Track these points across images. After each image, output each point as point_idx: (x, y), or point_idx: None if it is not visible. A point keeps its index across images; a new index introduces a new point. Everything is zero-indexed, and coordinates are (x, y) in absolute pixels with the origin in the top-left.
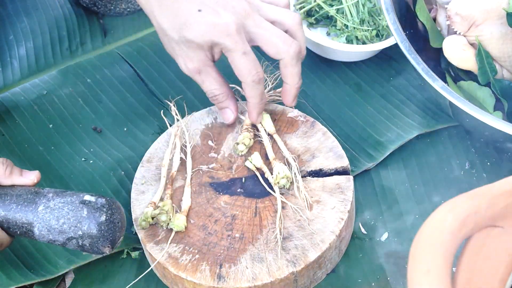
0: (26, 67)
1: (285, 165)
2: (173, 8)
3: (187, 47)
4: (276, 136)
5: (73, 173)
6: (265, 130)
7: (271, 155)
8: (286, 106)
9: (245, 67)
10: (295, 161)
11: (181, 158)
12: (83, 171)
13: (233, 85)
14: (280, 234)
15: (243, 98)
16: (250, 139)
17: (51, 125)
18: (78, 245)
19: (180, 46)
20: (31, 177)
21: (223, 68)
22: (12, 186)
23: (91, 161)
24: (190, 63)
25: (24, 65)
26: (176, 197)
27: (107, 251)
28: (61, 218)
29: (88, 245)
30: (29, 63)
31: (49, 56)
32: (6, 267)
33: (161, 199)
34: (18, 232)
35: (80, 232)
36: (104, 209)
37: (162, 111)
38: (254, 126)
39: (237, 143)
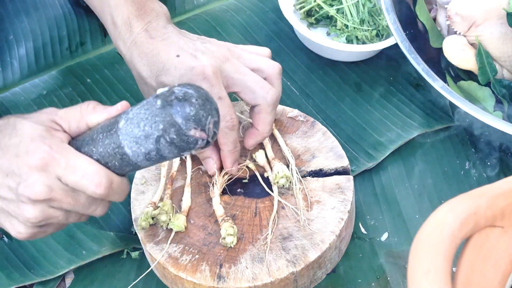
0: (26, 67)
1: (285, 165)
2: (152, 55)
3: None
4: (275, 132)
5: None
6: None
7: (270, 154)
8: (245, 146)
9: (220, 112)
10: (293, 159)
11: (181, 158)
12: None
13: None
14: (271, 233)
15: (235, 99)
16: (233, 227)
17: None
18: (168, 143)
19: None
20: (116, 107)
21: None
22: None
23: None
24: None
25: (24, 65)
26: (176, 197)
27: (197, 134)
28: (141, 122)
29: (175, 136)
30: (29, 63)
31: (49, 56)
32: (6, 267)
33: (161, 199)
34: (117, 164)
35: (160, 126)
36: (175, 91)
37: None
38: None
39: (224, 238)
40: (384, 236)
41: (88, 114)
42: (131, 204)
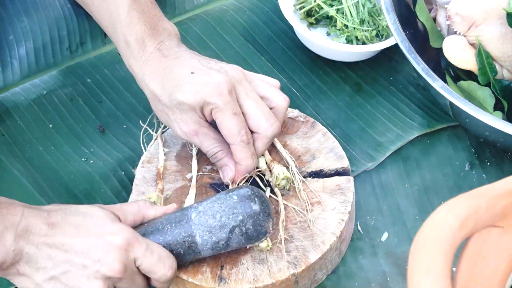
0: (26, 67)
1: (284, 165)
2: (165, 73)
3: (180, 110)
4: None
5: (73, 173)
6: None
7: (268, 157)
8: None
9: (235, 128)
10: (292, 160)
11: (166, 153)
12: (83, 171)
13: None
14: (284, 238)
15: None
16: None
17: (51, 125)
18: (242, 233)
19: (173, 111)
20: (172, 206)
21: None
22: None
23: (91, 161)
24: (185, 126)
25: (24, 65)
26: (178, 198)
27: (270, 225)
28: (216, 214)
29: (251, 227)
30: (29, 63)
31: (49, 56)
32: None
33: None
34: (182, 251)
35: (240, 217)
36: (249, 191)
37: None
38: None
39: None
40: (384, 236)
41: (147, 208)
42: None
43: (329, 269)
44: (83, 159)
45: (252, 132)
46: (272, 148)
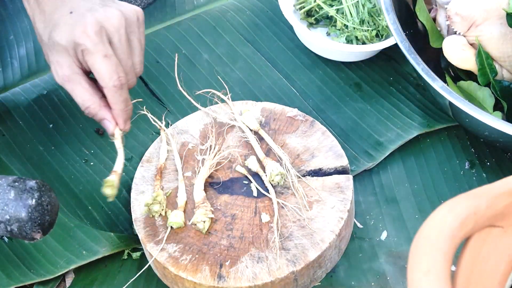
0: (26, 67)
1: (278, 161)
2: (50, 12)
3: (56, 51)
4: (262, 132)
5: (73, 173)
6: (250, 129)
7: (261, 155)
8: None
9: (106, 71)
10: (285, 155)
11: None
12: (83, 172)
13: (209, 90)
14: (278, 236)
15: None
16: (207, 212)
17: (51, 125)
18: (7, 230)
19: (51, 52)
20: None
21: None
22: None
23: (91, 163)
24: (60, 69)
25: (24, 65)
26: (173, 197)
27: (37, 236)
28: None
29: (16, 229)
30: (29, 63)
31: None
32: (6, 267)
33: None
34: None
35: (7, 216)
36: (32, 192)
37: (164, 113)
38: (240, 129)
39: (195, 224)
40: (384, 236)
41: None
42: (131, 204)
43: (328, 268)
44: (83, 160)
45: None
46: (266, 145)
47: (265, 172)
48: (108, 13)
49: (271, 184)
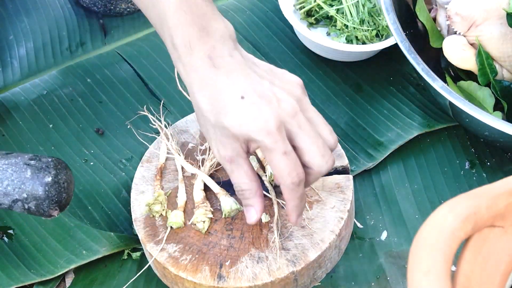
0: (26, 67)
1: None
2: (214, 88)
3: (221, 133)
4: None
5: (73, 173)
6: None
7: (260, 155)
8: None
9: (285, 168)
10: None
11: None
12: (83, 172)
13: None
14: (278, 236)
15: None
16: (206, 212)
17: (51, 125)
18: (24, 208)
19: (215, 130)
20: None
21: None
22: None
23: (91, 163)
24: (223, 149)
25: (24, 65)
26: (173, 197)
27: (55, 214)
28: (4, 180)
29: (34, 207)
30: (29, 63)
31: (49, 56)
32: (6, 267)
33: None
34: None
35: (24, 194)
36: (49, 169)
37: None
38: None
39: (195, 224)
40: (384, 236)
41: None
42: (131, 204)
43: (328, 268)
44: (83, 160)
45: (304, 166)
46: None
47: (265, 172)
48: (282, 104)
49: (271, 184)
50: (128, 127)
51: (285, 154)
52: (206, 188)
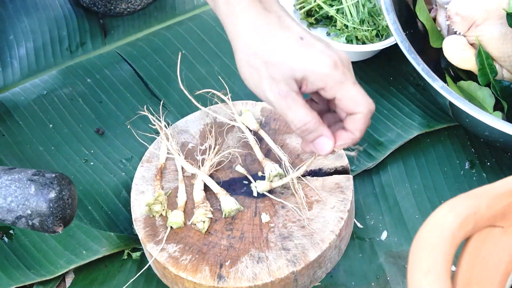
0: (26, 67)
1: (278, 161)
2: (268, 28)
3: (276, 70)
4: (261, 132)
5: (73, 174)
6: (250, 129)
7: (259, 155)
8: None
9: (362, 96)
10: (285, 156)
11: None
12: (83, 172)
13: (209, 90)
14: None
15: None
16: (206, 212)
17: (51, 125)
18: (28, 225)
19: (268, 67)
20: None
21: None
22: None
23: (91, 163)
24: (276, 85)
25: (24, 65)
26: (173, 197)
27: (59, 230)
28: (8, 196)
29: (38, 224)
30: (29, 63)
31: (49, 56)
32: (6, 267)
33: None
34: None
35: (28, 211)
36: (53, 185)
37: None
38: (239, 129)
39: (194, 224)
40: (384, 236)
41: None
42: (131, 204)
43: (328, 268)
44: (83, 160)
45: (351, 114)
46: (266, 145)
47: (264, 173)
48: (338, 51)
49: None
50: (128, 127)
51: (356, 84)
52: (206, 188)
